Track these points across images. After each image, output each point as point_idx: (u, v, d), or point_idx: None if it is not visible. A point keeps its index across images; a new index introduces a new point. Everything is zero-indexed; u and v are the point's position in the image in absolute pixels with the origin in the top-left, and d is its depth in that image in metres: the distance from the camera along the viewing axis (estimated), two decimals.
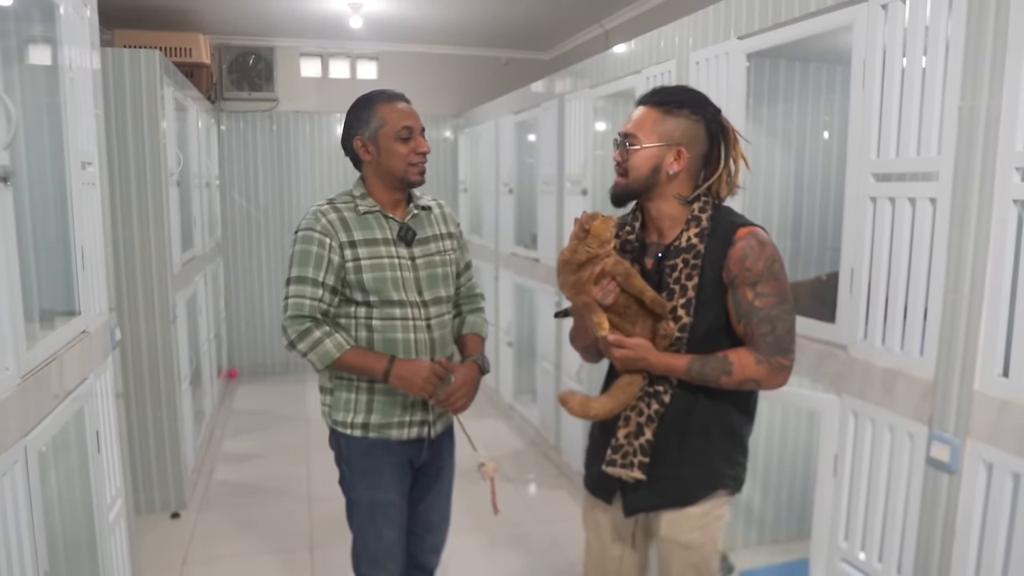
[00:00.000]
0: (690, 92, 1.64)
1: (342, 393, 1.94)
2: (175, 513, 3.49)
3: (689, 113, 1.59)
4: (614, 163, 1.66)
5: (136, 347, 3.36)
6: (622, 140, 1.63)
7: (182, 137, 3.98)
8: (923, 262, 1.75)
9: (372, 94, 1.91)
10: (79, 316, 1.89)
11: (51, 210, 1.88)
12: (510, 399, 4.98)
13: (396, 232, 1.91)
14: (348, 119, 1.91)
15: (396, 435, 1.94)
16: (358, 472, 1.96)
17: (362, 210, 1.89)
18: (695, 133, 1.59)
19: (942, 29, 1.67)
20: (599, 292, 1.59)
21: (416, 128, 1.89)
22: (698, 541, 1.66)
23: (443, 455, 2.09)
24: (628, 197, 1.67)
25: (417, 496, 2.07)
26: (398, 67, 6.27)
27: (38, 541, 1.51)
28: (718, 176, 1.62)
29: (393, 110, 1.87)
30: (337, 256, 1.86)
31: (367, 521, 1.98)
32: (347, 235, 1.87)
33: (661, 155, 1.59)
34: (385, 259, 1.89)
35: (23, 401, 1.47)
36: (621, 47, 3.23)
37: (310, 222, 1.87)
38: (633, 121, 1.63)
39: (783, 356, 1.55)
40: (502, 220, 4.94)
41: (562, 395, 1.71)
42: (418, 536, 2.10)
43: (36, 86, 1.89)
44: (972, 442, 1.62)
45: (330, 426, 2.00)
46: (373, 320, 1.89)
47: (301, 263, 1.85)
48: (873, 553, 1.93)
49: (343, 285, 1.88)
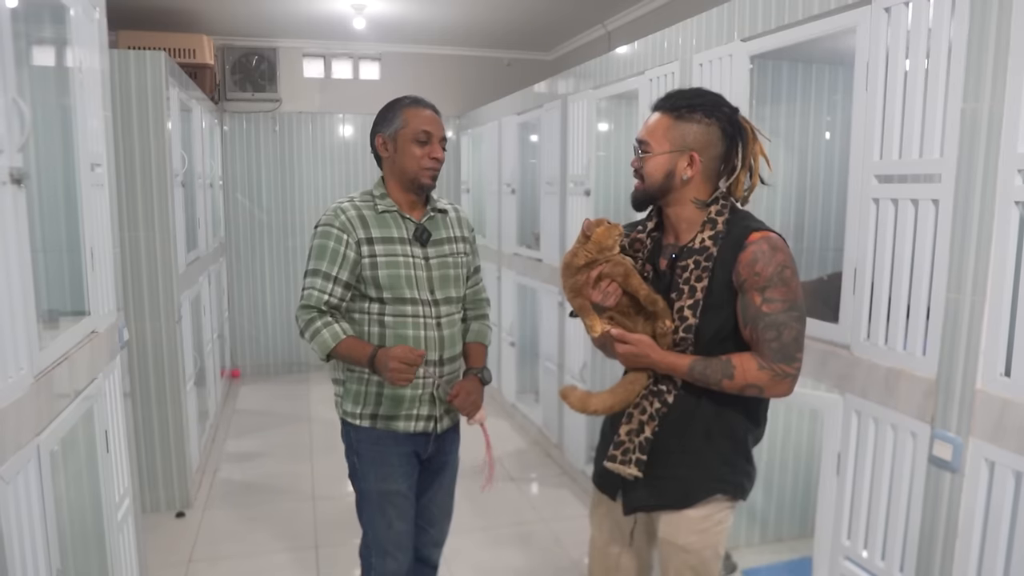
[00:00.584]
0: (704, 95, 1.63)
1: (353, 385, 2.00)
2: (180, 512, 3.50)
3: (701, 117, 1.59)
4: (632, 168, 1.68)
5: (141, 347, 3.37)
6: (638, 147, 1.65)
7: (186, 138, 3.99)
8: (926, 262, 1.76)
9: (403, 98, 1.99)
10: (88, 316, 1.91)
11: (61, 211, 1.90)
12: (513, 399, 4.99)
13: (412, 232, 1.97)
14: (376, 118, 2.00)
15: (403, 427, 1.99)
16: (368, 462, 2.01)
17: (381, 209, 1.96)
18: (708, 137, 1.59)
19: (945, 32, 1.68)
20: (598, 295, 1.62)
21: (435, 135, 1.95)
22: (696, 545, 1.66)
23: (448, 450, 2.14)
24: (647, 201, 1.69)
25: (420, 489, 2.11)
26: (401, 68, 6.28)
27: (51, 540, 1.52)
28: (735, 177, 1.63)
29: (417, 115, 1.94)
30: (354, 252, 1.92)
31: (378, 512, 2.02)
32: (365, 232, 1.93)
33: (673, 161, 1.60)
34: (400, 257, 1.94)
35: (36, 401, 1.48)
36: (624, 48, 3.24)
37: (330, 218, 1.94)
38: (647, 127, 1.64)
39: (787, 363, 1.54)
40: (505, 220, 4.96)
41: (563, 389, 1.73)
42: (419, 528, 2.13)
43: (47, 88, 1.90)
44: (974, 441, 1.64)
45: (341, 417, 2.05)
46: (386, 316, 1.95)
47: (318, 257, 1.92)
48: (876, 551, 1.94)
49: (358, 281, 1.94)
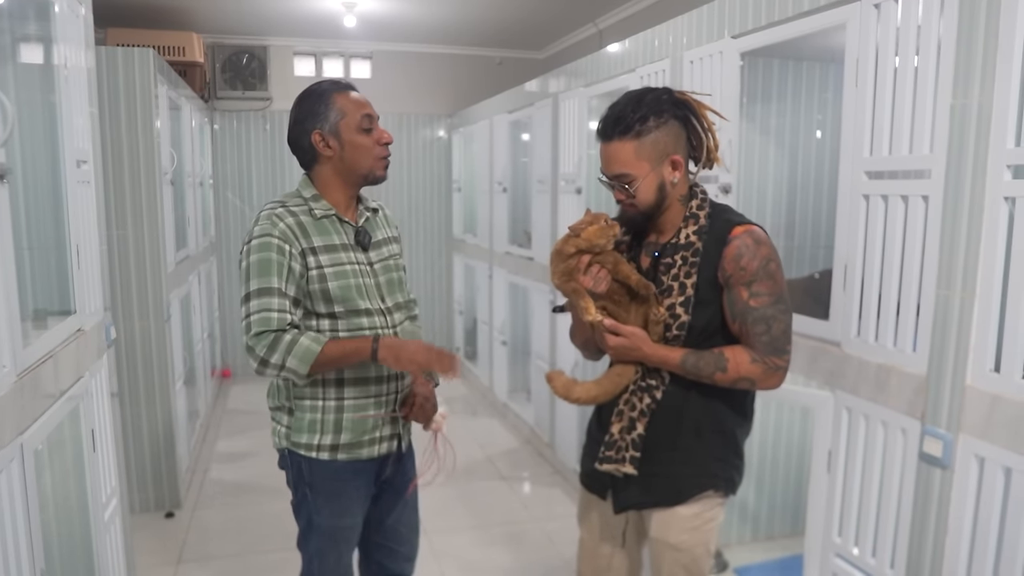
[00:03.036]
0: (639, 100, 1.55)
1: (305, 414, 1.79)
2: (169, 512, 3.48)
3: (655, 121, 1.53)
4: (617, 200, 1.62)
5: (130, 346, 3.35)
6: (617, 183, 1.58)
7: (176, 136, 3.96)
8: (916, 259, 1.76)
9: (323, 85, 1.77)
10: (74, 315, 1.89)
11: (46, 208, 1.88)
12: (504, 398, 4.99)
13: (353, 236, 1.79)
14: (300, 113, 1.75)
15: (367, 453, 1.83)
16: (323, 497, 1.83)
17: (318, 214, 1.75)
18: (672, 133, 1.55)
19: (934, 28, 1.68)
20: (590, 281, 1.58)
21: (375, 117, 1.77)
22: (688, 543, 1.65)
23: (407, 468, 2.00)
24: (644, 221, 1.63)
25: (384, 511, 1.98)
26: (392, 66, 6.26)
27: (35, 540, 1.51)
28: (706, 150, 1.59)
29: (350, 100, 1.74)
30: (298, 264, 1.69)
31: (329, 546, 1.88)
32: (306, 241, 1.71)
33: (660, 175, 1.56)
34: (347, 265, 1.75)
35: (19, 399, 1.47)
36: (615, 46, 3.24)
37: (266, 227, 1.68)
38: (616, 161, 1.56)
39: (778, 356, 1.55)
40: (496, 219, 4.95)
41: (549, 373, 1.69)
42: (389, 549, 2.02)
43: (31, 84, 1.88)
44: (964, 437, 1.64)
45: (287, 448, 1.84)
46: (340, 332, 1.75)
47: (262, 273, 1.66)
48: (867, 548, 1.94)
49: (303, 296, 1.73)
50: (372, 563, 2.06)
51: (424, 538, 2.32)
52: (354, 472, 1.84)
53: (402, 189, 6.18)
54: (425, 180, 6.25)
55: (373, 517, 1.98)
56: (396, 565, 2.06)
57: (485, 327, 5.34)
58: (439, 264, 6.37)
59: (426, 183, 6.26)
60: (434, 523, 3.32)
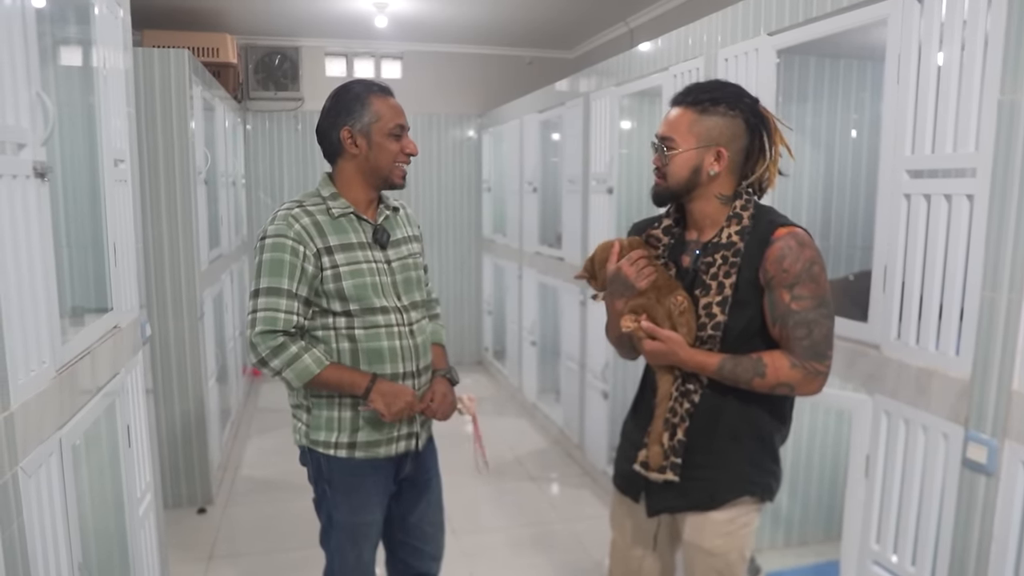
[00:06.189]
0: (725, 86, 1.59)
1: (323, 411, 1.83)
2: (201, 508, 3.52)
3: (726, 110, 1.54)
4: (653, 167, 1.63)
5: (164, 344, 3.39)
6: (659, 144, 1.59)
7: (210, 136, 4.01)
8: (959, 260, 1.71)
9: (364, 84, 1.80)
10: (111, 312, 1.91)
11: (84, 207, 1.91)
12: (534, 398, 4.97)
13: (371, 235, 1.82)
14: (334, 107, 1.78)
15: (384, 452, 1.85)
16: (342, 493, 1.86)
17: (336, 213, 1.78)
18: (734, 130, 1.55)
19: (981, 22, 1.63)
20: (633, 271, 1.58)
21: (407, 128, 1.81)
22: (722, 548, 1.62)
23: (428, 465, 2.02)
24: (669, 199, 1.64)
25: (406, 509, 1.99)
26: (422, 66, 6.29)
27: (72, 533, 1.53)
28: (765, 168, 1.59)
29: (388, 106, 1.78)
30: (312, 266, 1.73)
31: (348, 543, 1.90)
32: (322, 241, 1.74)
33: (700, 157, 1.55)
34: (363, 264, 1.78)
35: (58, 395, 1.49)
36: (647, 45, 3.21)
37: (281, 228, 1.73)
38: (668, 123, 1.59)
39: (819, 361, 1.51)
40: (526, 219, 4.94)
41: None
42: (413, 548, 2.03)
43: (71, 85, 1.91)
44: (1010, 443, 1.59)
45: (307, 446, 1.87)
46: (355, 330, 1.78)
47: (273, 273, 1.72)
48: (906, 556, 1.89)
49: (317, 295, 1.77)
50: (398, 561, 2.07)
51: (453, 538, 2.32)
52: (372, 468, 1.87)
53: (432, 189, 6.20)
54: (455, 180, 6.26)
55: (396, 515, 1.99)
56: (422, 563, 2.06)
57: (514, 327, 5.33)
58: (469, 264, 6.37)
59: (456, 183, 6.26)
60: (463, 523, 3.32)
